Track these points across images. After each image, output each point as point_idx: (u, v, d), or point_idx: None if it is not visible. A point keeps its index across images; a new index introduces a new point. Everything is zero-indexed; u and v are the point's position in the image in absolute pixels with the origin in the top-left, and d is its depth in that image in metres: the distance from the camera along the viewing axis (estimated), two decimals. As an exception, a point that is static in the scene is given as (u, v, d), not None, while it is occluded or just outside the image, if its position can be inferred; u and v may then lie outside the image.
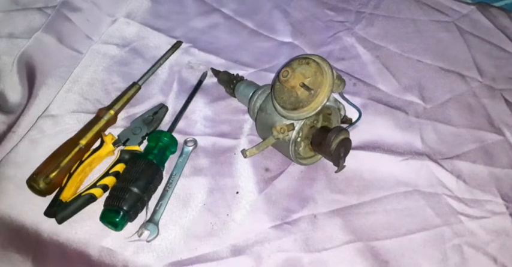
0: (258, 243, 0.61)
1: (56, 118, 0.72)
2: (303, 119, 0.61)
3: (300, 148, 0.65)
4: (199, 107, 0.76)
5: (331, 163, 0.65)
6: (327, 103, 0.60)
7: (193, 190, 0.66)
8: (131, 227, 0.61)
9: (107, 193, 0.62)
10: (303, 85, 0.59)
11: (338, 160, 0.63)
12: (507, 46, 0.87)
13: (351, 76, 0.81)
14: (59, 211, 0.61)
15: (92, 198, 0.62)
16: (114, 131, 0.70)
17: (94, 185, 0.62)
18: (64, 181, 0.63)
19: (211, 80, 0.80)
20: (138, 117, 0.72)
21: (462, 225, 0.64)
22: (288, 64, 0.61)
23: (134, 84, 0.76)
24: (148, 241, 0.60)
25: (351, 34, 0.89)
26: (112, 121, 0.72)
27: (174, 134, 0.70)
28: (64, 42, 0.82)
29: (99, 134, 0.69)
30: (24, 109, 0.74)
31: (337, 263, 0.60)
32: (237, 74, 0.77)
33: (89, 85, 0.77)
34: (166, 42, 0.84)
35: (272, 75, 0.80)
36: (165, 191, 0.64)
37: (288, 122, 0.62)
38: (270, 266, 0.59)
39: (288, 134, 0.62)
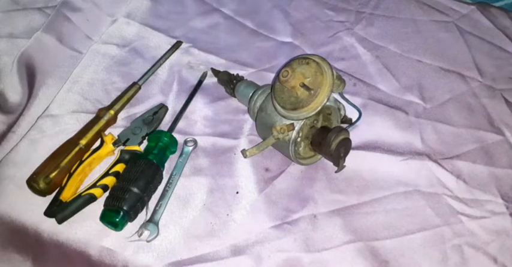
0: (258, 243, 0.61)
1: (56, 118, 0.72)
2: (303, 119, 0.61)
3: (300, 148, 0.65)
4: (199, 107, 0.76)
5: (331, 163, 0.65)
6: (327, 103, 0.60)
7: (193, 190, 0.66)
8: (131, 227, 0.61)
9: (107, 193, 0.62)
10: (303, 85, 0.59)
11: (338, 160, 0.63)
12: (507, 46, 0.87)
13: (351, 76, 0.81)
14: (59, 211, 0.61)
15: (92, 198, 0.62)
16: (114, 131, 0.70)
17: (94, 185, 0.62)
18: (64, 181, 0.63)
19: (211, 80, 0.80)
20: (138, 117, 0.72)
21: (462, 225, 0.64)
22: (288, 64, 0.61)
23: (134, 84, 0.76)
24: (148, 241, 0.60)
25: (351, 34, 0.89)
26: (112, 121, 0.72)
27: (174, 134, 0.70)
28: (64, 42, 0.82)
29: (99, 134, 0.69)
30: (24, 109, 0.74)
31: (337, 263, 0.60)
32: (237, 74, 0.77)
33: (89, 85, 0.77)
34: (166, 42, 0.84)
35: (272, 75, 0.80)
36: (165, 191, 0.64)
37: (288, 122, 0.62)
38: (270, 266, 0.59)
39: (288, 134, 0.62)
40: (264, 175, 0.68)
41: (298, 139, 0.63)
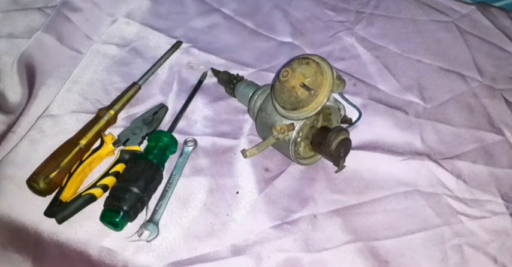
0: (258, 243, 0.61)
1: (56, 118, 0.72)
2: (303, 119, 0.61)
3: (300, 148, 0.65)
4: (199, 107, 0.76)
5: (331, 163, 0.65)
6: (327, 103, 0.60)
7: (193, 190, 0.66)
8: (131, 227, 0.61)
9: (107, 193, 0.62)
10: (303, 85, 0.59)
11: (338, 160, 0.63)
12: (507, 46, 0.87)
13: (351, 76, 0.81)
14: (59, 211, 0.61)
15: (92, 198, 0.62)
16: (114, 131, 0.70)
17: (94, 185, 0.62)
18: (64, 181, 0.63)
19: (211, 80, 0.80)
20: (138, 117, 0.72)
21: (462, 225, 0.64)
22: (288, 64, 0.61)
23: (134, 84, 0.76)
24: (148, 241, 0.60)
25: (351, 34, 0.89)
26: (112, 121, 0.72)
27: (174, 134, 0.70)
28: (64, 42, 0.82)
29: (99, 134, 0.69)
30: (24, 109, 0.74)
31: (337, 263, 0.60)
32: (237, 74, 0.77)
33: (89, 85, 0.77)
34: (166, 42, 0.84)
35: (272, 75, 0.80)
36: (165, 191, 0.64)
37: (288, 122, 0.62)
38: (270, 266, 0.59)
39: (288, 134, 0.62)
40: (264, 175, 0.68)
41: (298, 139, 0.63)
